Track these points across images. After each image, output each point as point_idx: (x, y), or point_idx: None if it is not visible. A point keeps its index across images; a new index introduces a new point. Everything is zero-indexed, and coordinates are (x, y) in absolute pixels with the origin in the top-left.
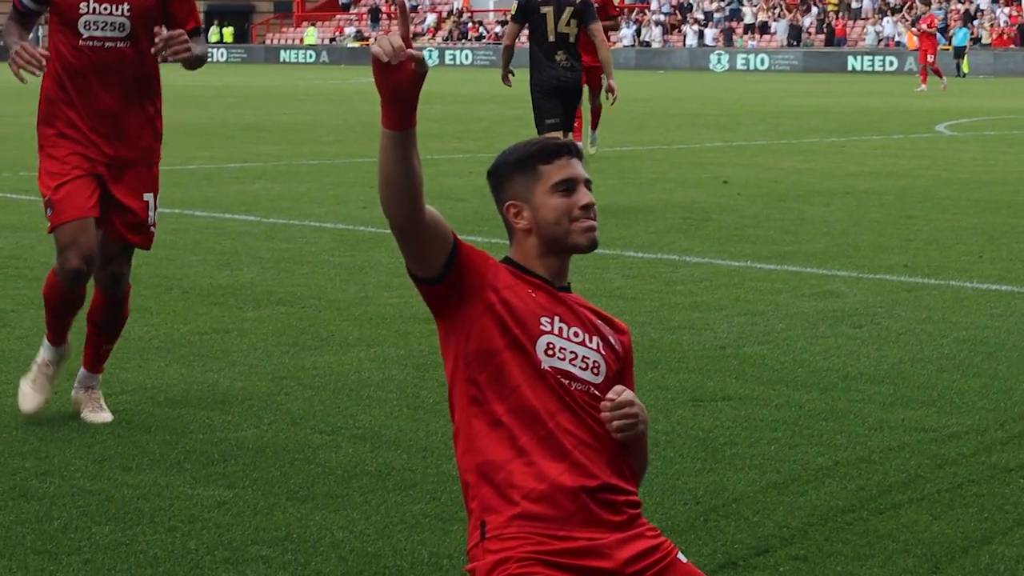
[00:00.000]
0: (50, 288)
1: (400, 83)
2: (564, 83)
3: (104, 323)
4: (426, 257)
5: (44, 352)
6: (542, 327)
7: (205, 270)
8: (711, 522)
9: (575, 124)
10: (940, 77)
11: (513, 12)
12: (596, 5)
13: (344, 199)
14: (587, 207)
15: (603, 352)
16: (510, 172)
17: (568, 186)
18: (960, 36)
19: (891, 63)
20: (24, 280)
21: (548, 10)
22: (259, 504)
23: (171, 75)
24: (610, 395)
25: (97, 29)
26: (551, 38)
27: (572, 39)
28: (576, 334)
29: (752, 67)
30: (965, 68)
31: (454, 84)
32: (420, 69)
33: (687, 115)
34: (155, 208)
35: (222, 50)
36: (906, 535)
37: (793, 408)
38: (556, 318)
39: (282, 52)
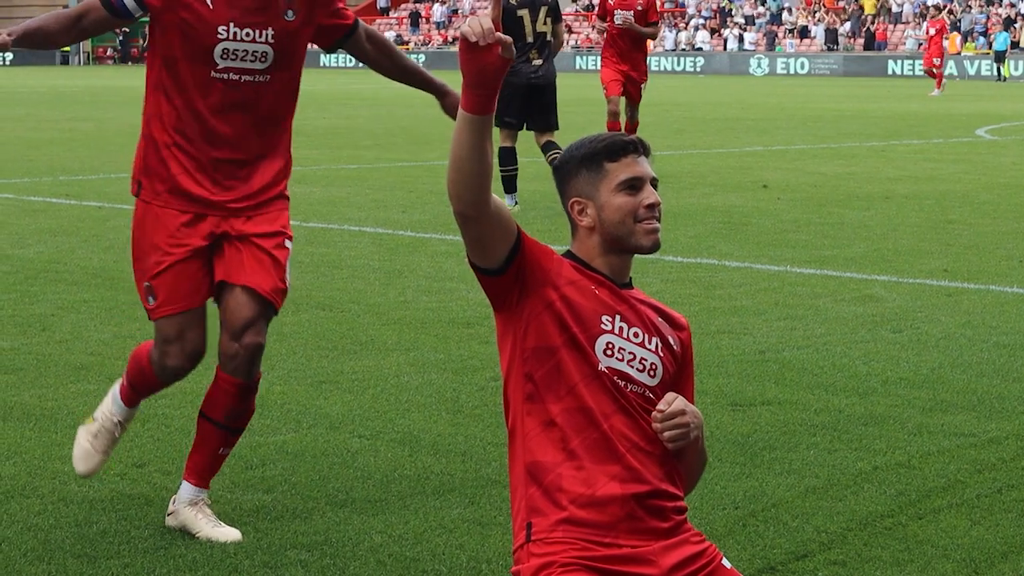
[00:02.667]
0: (139, 366)
1: (485, 66)
2: (536, 80)
3: (229, 419)
4: (488, 247)
5: (114, 408)
6: (603, 326)
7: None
8: (750, 527)
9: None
10: (939, 84)
11: None
12: (640, 10)
13: (383, 203)
14: (652, 207)
15: (661, 354)
16: (576, 168)
17: (634, 184)
18: (1001, 40)
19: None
20: (64, 284)
21: (524, 12)
22: (297, 508)
23: None
24: (661, 405)
25: (236, 59)
26: (529, 39)
27: (547, 37)
28: (636, 335)
29: (792, 71)
30: (1006, 72)
31: None
32: (506, 54)
33: (727, 119)
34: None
35: None
36: (945, 540)
37: (832, 413)
38: (617, 317)
39: (321, 56)
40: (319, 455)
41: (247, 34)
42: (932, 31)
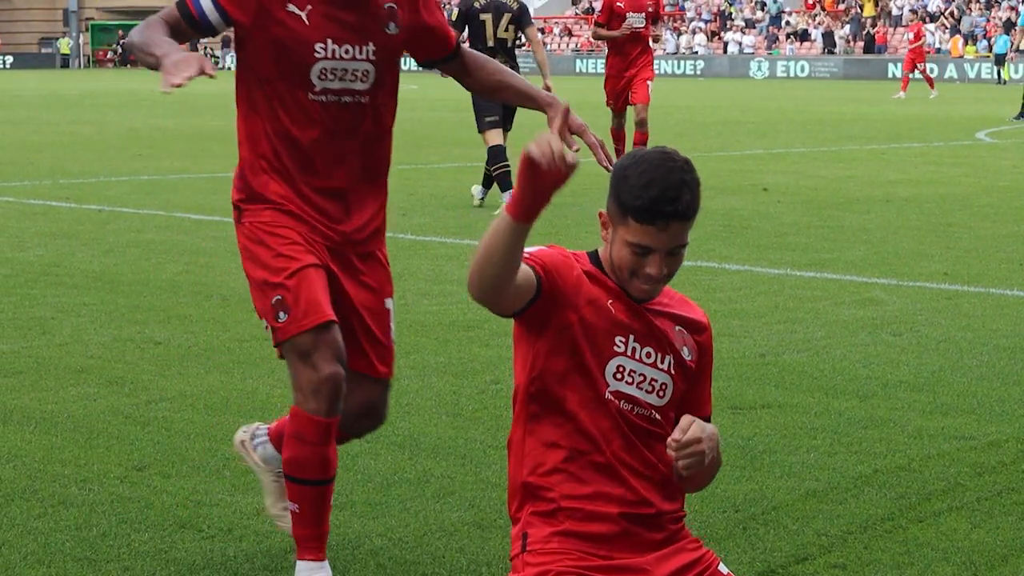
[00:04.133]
0: (294, 440)
1: (546, 185)
2: None
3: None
4: (506, 308)
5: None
6: (616, 347)
7: (244, 278)
8: (750, 530)
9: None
10: (931, 86)
11: (453, 19)
12: (651, 11)
13: None
14: (650, 278)
15: (673, 372)
16: (615, 189)
17: (643, 252)
18: (1001, 44)
19: (931, 70)
20: (64, 287)
21: (487, 17)
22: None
23: (211, 83)
24: (676, 433)
25: (335, 79)
26: (490, 43)
27: (510, 44)
28: (648, 355)
29: (792, 74)
30: (1006, 75)
31: None
32: (571, 172)
33: (727, 122)
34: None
35: None
36: (945, 543)
37: (832, 416)
38: (631, 337)
39: None
40: None
41: (347, 51)
42: (910, 35)
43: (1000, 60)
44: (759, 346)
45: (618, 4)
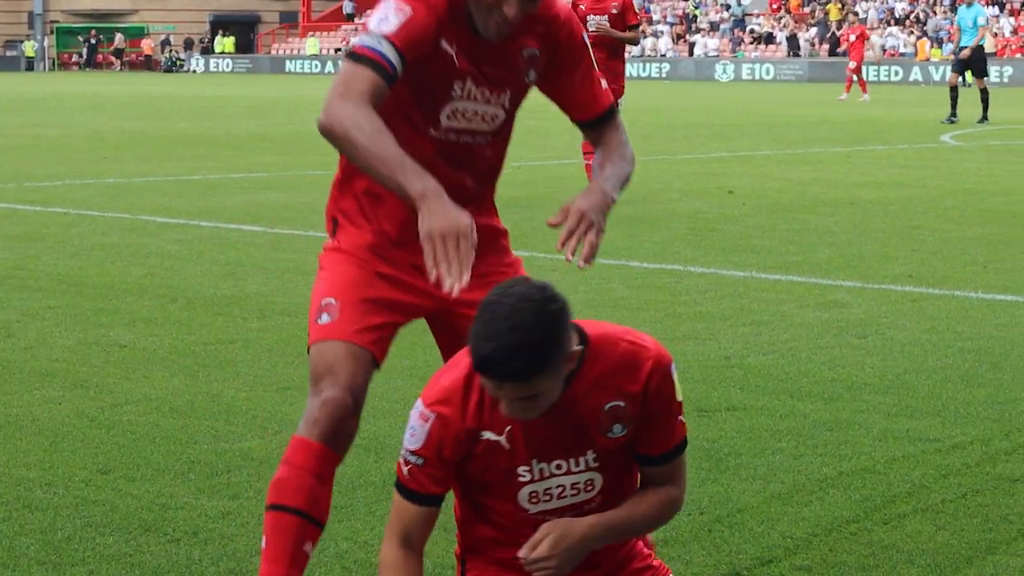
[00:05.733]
0: (280, 464)
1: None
2: None
3: None
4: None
5: None
6: (520, 478)
7: (210, 280)
8: (715, 532)
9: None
10: (864, 89)
11: None
12: (616, 13)
13: None
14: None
15: (596, 464)
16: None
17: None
18: None
19: (896, 73)
20: (29, 291)
21: None
22: (263, 515)
23: (177, 86)
24: (522, 552)
25: (463, 119)
26: None
27: None
28: (559, 466)
29: (757, 77)
30: (970, 79)
31: None
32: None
33: (692, 125)
34: None
35: (227, 60)
36: (910, 545)
37: (797, 418)
38: (534, 462)
39: (288, 62)
40: None
41: (482, 93)
42: (852, 37)
43: None
44: (724, 349)
45: (579, 7)
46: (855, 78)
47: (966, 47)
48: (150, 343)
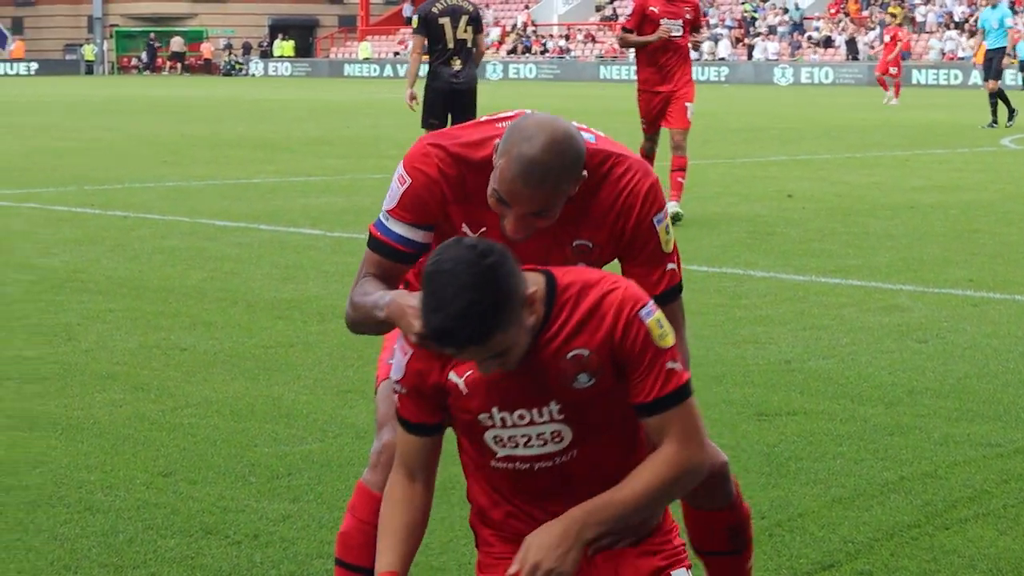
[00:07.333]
0: (347, 513)
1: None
2: (458, 85)
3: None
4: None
5: None
6: (481, 424)
7: (270, 284)
8: (776, 537)
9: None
10: (896, 93)
11: (415, 26)
12: (689, 18)
13: None
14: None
15: (559, 417)
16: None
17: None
18: None
19: (956, 76)
20: (89, 294)
21: (445, 20)
22: (324, 518)
23: (236, 90)
24: (512, 568)
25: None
26: (450, 45)
27: (469, 44)
28: (522, 416)
29: (816, 80)
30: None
31: (518, 98)
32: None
33: (751, 129)
34: None
35: (286, 64)
36: (972, 550)
37: (858, 423)
38: (495, 410)
39: (346, 66)
40: (345, 464)
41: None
42: (887, 38)
43: None
44: (784, 353)
45: (651, 8)
46: (888, 80)
47: (996, 48)
48: (211, 346)
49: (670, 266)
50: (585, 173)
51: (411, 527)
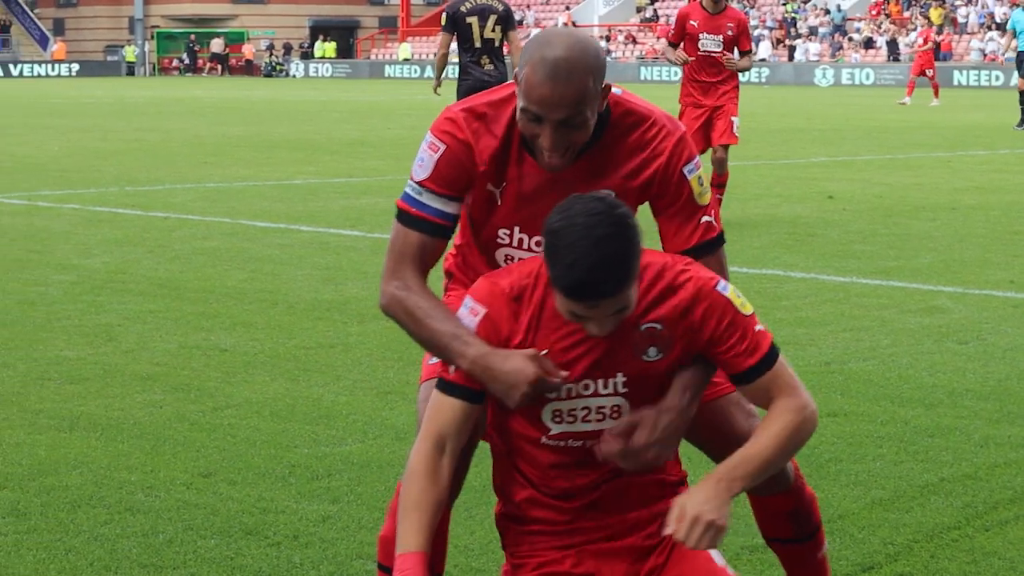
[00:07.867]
0: (388, 515)
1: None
2: (488, 85)
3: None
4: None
5: None
6: (546, 394)
7: (310, 285)
8: None
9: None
10: (935, 94)
11: (443, 23)
12: (731, 35)
13: None
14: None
15: (623, 391)
16: (545, 252)
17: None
18: None
19: (997, 78)
20: (130, 295)
21: (473, 19)
22: (364, 519)
23: (276, 91)
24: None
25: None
26: (477, 44)
27: (497, 44)
28: (586, 387)
29: (857, 81)
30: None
31: None
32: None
33: (792, 130)
34: None
35: (327, 65)
36: (1012, 553)
37: (898, 424)
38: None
39: (387, 67)
40: (385, 465)
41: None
42: (921, 40)
43: None
44: (824, 354)
45: (691, 22)
46: (915, 80)
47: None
48: (251, 347)
49: (705, 218)
50: (608, 84)
51: (438, 504)
